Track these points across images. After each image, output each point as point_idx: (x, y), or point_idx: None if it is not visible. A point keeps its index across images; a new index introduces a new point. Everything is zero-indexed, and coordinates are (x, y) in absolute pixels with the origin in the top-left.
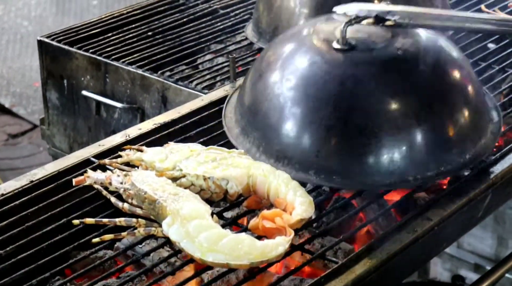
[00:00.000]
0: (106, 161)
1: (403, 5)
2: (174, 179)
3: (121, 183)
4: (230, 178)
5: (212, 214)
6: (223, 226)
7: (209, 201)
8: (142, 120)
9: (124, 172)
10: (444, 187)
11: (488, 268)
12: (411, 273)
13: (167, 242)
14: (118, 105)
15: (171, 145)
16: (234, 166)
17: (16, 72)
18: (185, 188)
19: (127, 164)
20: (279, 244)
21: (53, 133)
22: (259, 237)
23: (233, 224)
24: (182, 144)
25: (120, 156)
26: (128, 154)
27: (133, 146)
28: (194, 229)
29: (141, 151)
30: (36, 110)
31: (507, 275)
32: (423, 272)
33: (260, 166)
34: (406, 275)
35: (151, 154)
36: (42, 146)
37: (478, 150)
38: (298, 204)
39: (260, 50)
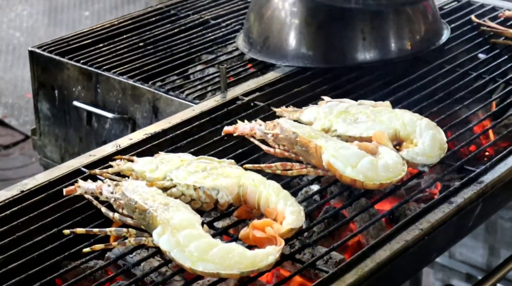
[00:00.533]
0: (97, 171)
1: None
2: (165, 189)
3: (112, 192)
4: (221, 188)
5: (202, 223)
6: (214, 236)
7: (199, 211)
8: (133, 130)
9: (115, 182)
10: (435, 196)
11: (480, 278)
12: (402, 282)
13: (158, 251)
14: (109, 115)
15: (162, 155)
16: (225, 176)
17: (8, 83)
18: (176, 198)
19: (118, 174)
20: (269, 254)
21: (44, 143)
22: (250, 247)
23: (223, 234)
24: (172, 154)
25: (111, 166)
26: (119, 164)
27: (123, 156)
28: (185, 239)
29: (132, 161)
30: (28, 121)
31: (498, 285)
32: (414, 282)
33: (251, 175)
34: (397, 285)
35: (141, 164)
36: (34, 157)
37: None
38: (289, 213)
39: (251, 61)
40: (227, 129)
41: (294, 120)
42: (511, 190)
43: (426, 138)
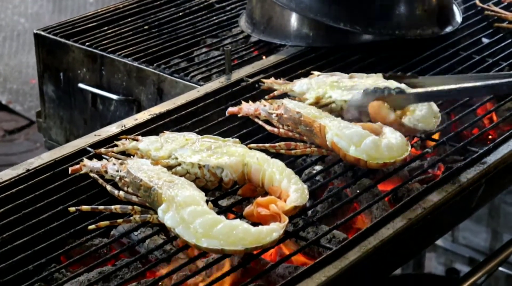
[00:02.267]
0: (102, 150)
1: None
2: (170, 168)
3: (117, 171)
4: (225, 166)
5: (207, 201)
6: (218, 214)
7: (204, 189)
8: (138, 112)
9: (120, 161)
10: (437, 178)
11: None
12: (405, 262)
13: (162, 229)
14: (114, 97)
15: (167, 134)
16: (229, 155)
17: (13, 69)
18: (180, 176)
19: (123, 153)
20: (273, 230)
21: (49, 126)
22: (254, 225)
23: (228, 212)
24: (177, 133)
25: (116, 145)
26: (124, 143)
27: (129, 136)
28: (189, 215)
29: (137, 140)
30: (32, 106)
31: (501, 268)
32: (417, 266)
33: (255, 154)
34: (400, 264)
35: (146, 142)
36: (38, 142)
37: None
38: (293, 191)
39: (255, 44)
40: (232, 109)
41: (286, 92)
42: None
43: (423, 107)
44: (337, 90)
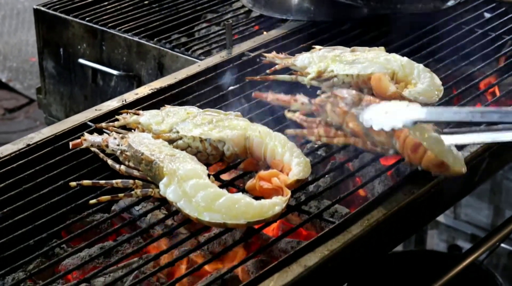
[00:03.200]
0: (103, 124)
1: None
2: (171, 142)
3: (118, 145)
4: (227, 140)
5: (208, 175)
6: (220, 188)
7: (206, 164)
8: (138, 87)
9: (121, 135)
10: None
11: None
12: (408, 236)
13: (163, 204)
14: (115, 72)
15: (168, 107)
16: (231, 128)
17: (13, 47)
18: (182, 150)
19: (124, 128)
20: (276, 204)
21: (49, 102)
22: (257, 198)
23: (230, 186)
24: (178, 107)
25: (117, 119)
26: (125, 118)
27: (129, 110)
28: (191, 189)
29: (138, 114)
30: (32, 84)
31: (503, 245)
32: (419, 243)
33: (257, 128)
34: (403, 238)
35: (147, 116)
36: (38, 120)
37: None
38: (295, 164)
39: (256, 19)
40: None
41: (288, 67)
42: None
43: (425, 79)
44: (339, 64)
